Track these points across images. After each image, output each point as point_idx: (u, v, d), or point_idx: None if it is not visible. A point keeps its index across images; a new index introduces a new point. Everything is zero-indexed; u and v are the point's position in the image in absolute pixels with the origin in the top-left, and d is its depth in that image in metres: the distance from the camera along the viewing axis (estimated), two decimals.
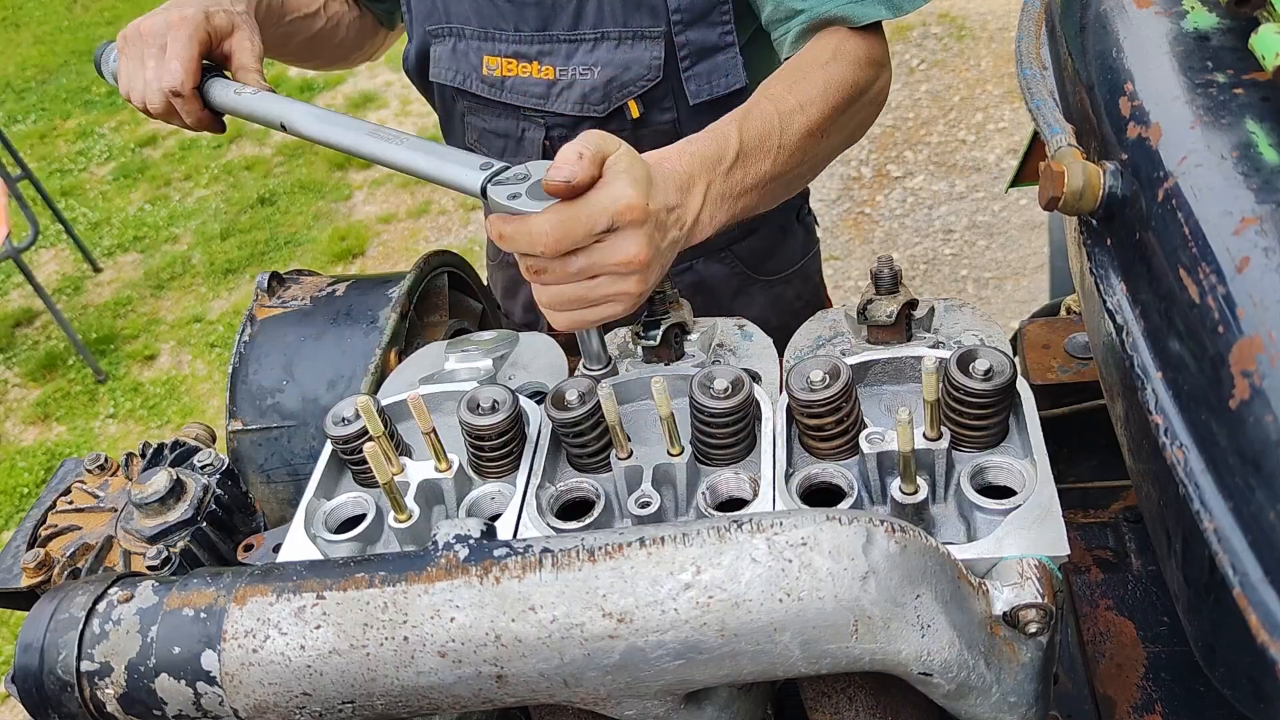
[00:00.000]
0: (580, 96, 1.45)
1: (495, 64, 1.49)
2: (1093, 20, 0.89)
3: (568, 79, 1.45)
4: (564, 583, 0.73)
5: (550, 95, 1.47)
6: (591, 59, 1.43)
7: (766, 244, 1.70)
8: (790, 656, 0.72)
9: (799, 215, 1.77)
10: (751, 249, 1.68)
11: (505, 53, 1.48)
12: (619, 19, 1.40)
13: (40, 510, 1.18)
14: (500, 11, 1.45)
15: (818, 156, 1.23)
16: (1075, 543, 1.18)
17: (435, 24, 1.52)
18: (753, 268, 1.70)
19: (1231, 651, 0.66)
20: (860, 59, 1.26)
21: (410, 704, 0.77)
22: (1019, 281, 3.86)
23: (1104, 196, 0.76)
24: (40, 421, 4.26)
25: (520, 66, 1.48)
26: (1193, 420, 0.63)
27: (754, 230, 1.67)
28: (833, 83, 1.21)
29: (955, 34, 5.25)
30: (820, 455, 0.93)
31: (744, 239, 1.67)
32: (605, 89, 1.44)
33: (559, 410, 0.95)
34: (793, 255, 1.76)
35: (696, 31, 1.40)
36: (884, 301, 1.02)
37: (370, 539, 0.97)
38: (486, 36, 1.48)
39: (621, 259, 0.92)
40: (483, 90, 1.52)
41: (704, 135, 1.08)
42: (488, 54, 1.49)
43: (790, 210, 1.74)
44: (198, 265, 4.96)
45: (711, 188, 1.04)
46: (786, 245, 1.74)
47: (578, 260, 0.92)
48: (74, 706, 0.79)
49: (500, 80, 1.50)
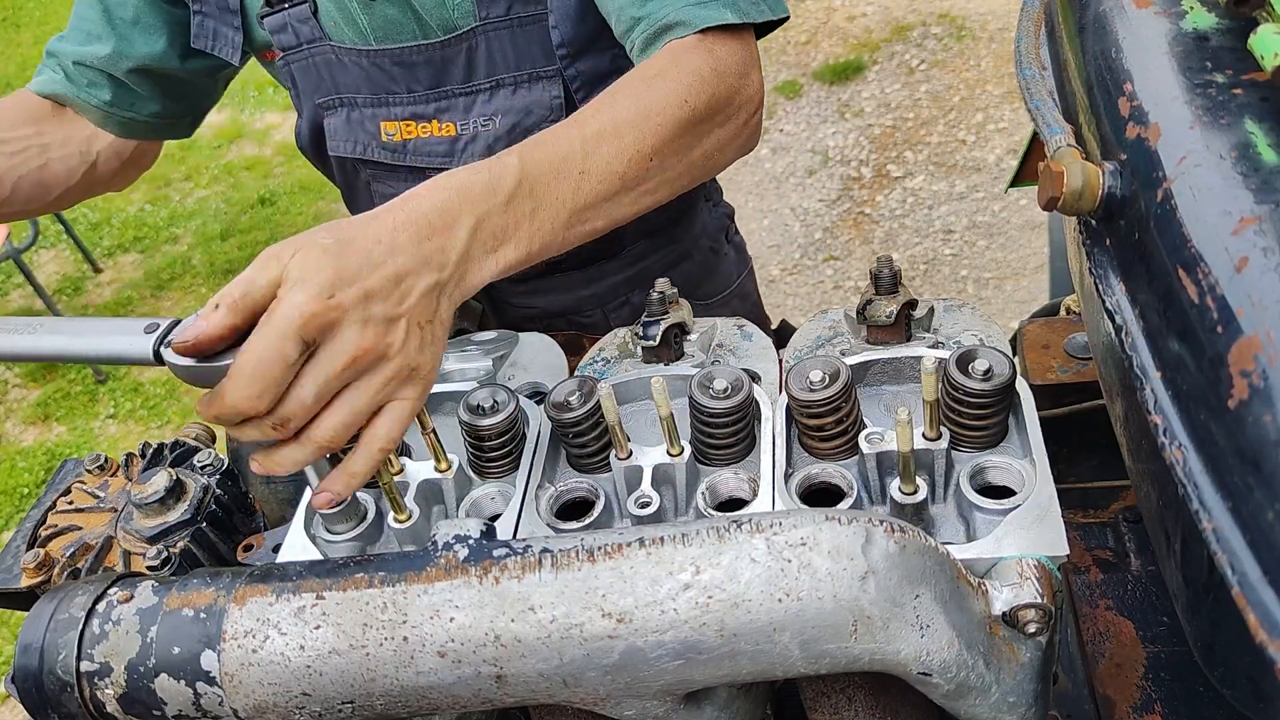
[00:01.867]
0: (485, 148, 1.39)
1: (394, 128, 1.43)
2: (1092, 20, 0.89)
3: (470, 133, 1.40)
4: (563, 583, 0.73)
5: (455, 152, 1.42)
6: (490, 108, 1.38)
7: (700, 270, 1.67)
8: (790, 656, 0.72)
9: (727, 235, 1.73)
10: (685, 276, 1.63)
11: (402, 115, 1.42)
12: (511, 64, 1.35)
13: (40, 510, 1.18)
14: (390, 75, 1.39)
15: (656, 179, 1.10)
16: (1075, 543, 1.18)
17: (324, 95, 1.45)
18: (689, 294, 1.61)
19: (1231, 651, 0.66)
20: (704, 70, 1.12)
21: (410, 704, 0.77)
22: (1019, 281, 3.86)
23: (1103, 196, 0.76)
24: (40, 422, 4.26)
25: (420, 127, 1.42)
26: (1192, 420, 0.63)
27: (687, 256, 1.64)
28: (657, 101, 1.08)
29: (955, 34, 5.25)
30: (820, 455, 0.93)
31: (677, 264, 1.63)
32: (509, 136, 1.37)
33: (559, 410, 0.95)
34: (728, 277, 1.73)
35: (586, 61, 1.36)
36: (883, 302, 1.02)
37: (370, 539, 0.97)
38: (380, 102, 1.42)
39: (348, 361, 0.79)
40: (385, 157, 1.45)
41: (472, 166, 0.96)
42: (384, 119, 1.43)
43: (719, 231, 1.71)
44: (198, 265, 4.97)
45: (486, 222, 0.91)
46: (720, 268, 1.71)
47: (302, 394, 0.79)
48: (74, 707, 0.79)
49: (401, 144, 1.43)
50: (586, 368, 1.13)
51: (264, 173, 5.54)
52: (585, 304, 1.62)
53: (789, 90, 5.16)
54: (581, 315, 1.63)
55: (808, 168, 4.68)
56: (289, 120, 5.93)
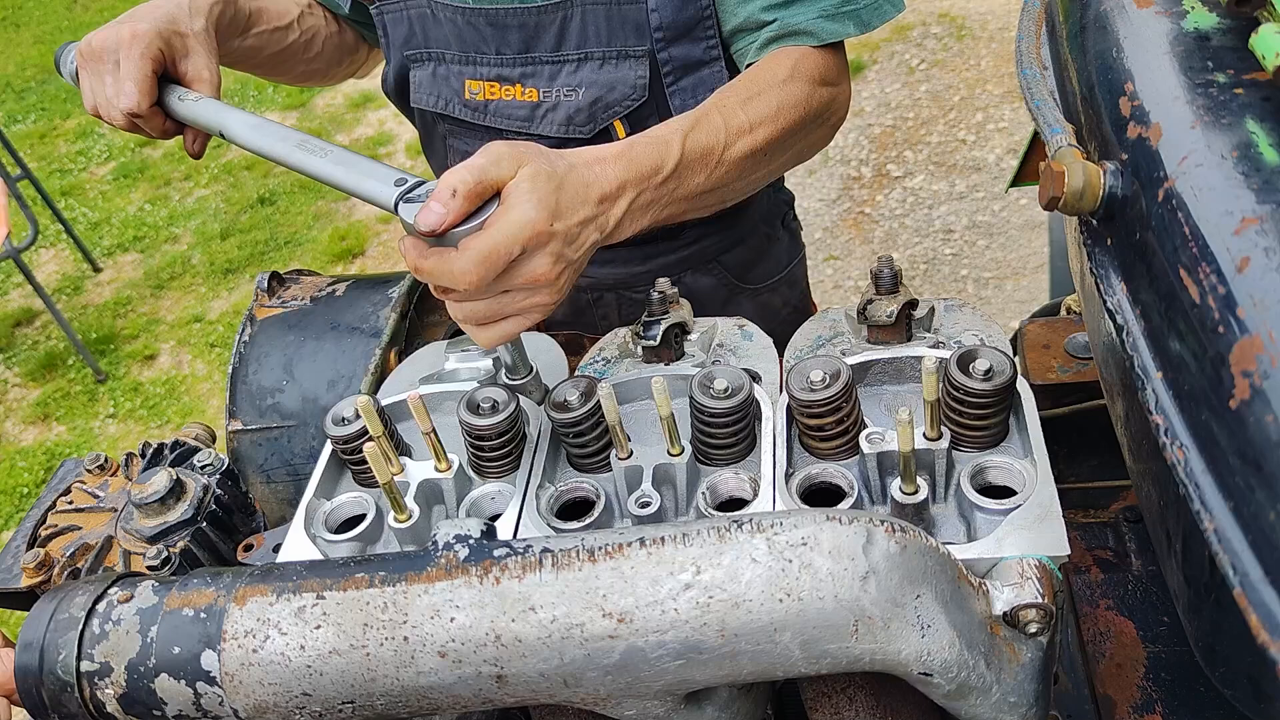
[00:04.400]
0: (565, 118, 1.44)
1: (477, 88, 1.47)
2: (1093, 20, 0.89)
3: (552, 101, 1.44)
4: (564, 583, 0.73)
5: (535, 118, 1.46)
6: (576, 80, 1.41)
7: (754, 254, 1.69)
8: (790, 656, 0.72)
9: (784, 221, 1.76)
10: (739, 259, 1.67)
11: (487, 76, 1.46)
12: (603, 39, 1.38)
13: (40, 510, 1.18)
14: (481, 35, 1.42)
15: (756, 176, 1.22)
16: (1075, 542, 1.18)
17: (413, 49, 1.50)
18: (740, 277, 1.69)
19: (1232, 651, 0.66)
20: (817, 77, 1.25)
21: (410, 704, 0.77)
22: (1019, 281, 3.86)
23: (1104, 196, 0.75)
24: (40, 421, 4.26)
25: (503, 89, 1.46)
26: (1193, 420, 0.63)
27: (741, 240, 1.66)
28: (787, 103, 1.20)
29: (955, 34, 5.25)
30: (820, 455, 0.93)
31: (732, 249, 1.65)
32: (590, 110, 1.42)
33: (559, 410, 0.95)
34: (779, 262, 1.75)
35: (680, 47, 1.38)
36: (884, 301, 1.02)
37: (370, 539, 0.97)
38: (468, 60, 1.46)
39: (530, 278, 0.93)
40: (465, 114, 1.50)
41: (646, 142, 1.06)
42: (469, 78, 1.47)
43: (776, 217, 1.73)
44: (198, 265, 4.97)
45: (640, 197, 1.04)
46: (773, 253, 1.73)
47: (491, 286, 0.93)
48: (74, 706, 0.79)
49: (483, 104, 1.48)
50: (587, 367, 1.13)
51: (263, 172, 5.54)
52: (638, 279, 1.65)
53: None
54: (634, 290, 1.67)
55: (807, 167, 4.68)
56: (288, 120, 5.94)
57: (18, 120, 6.50)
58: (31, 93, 6.83)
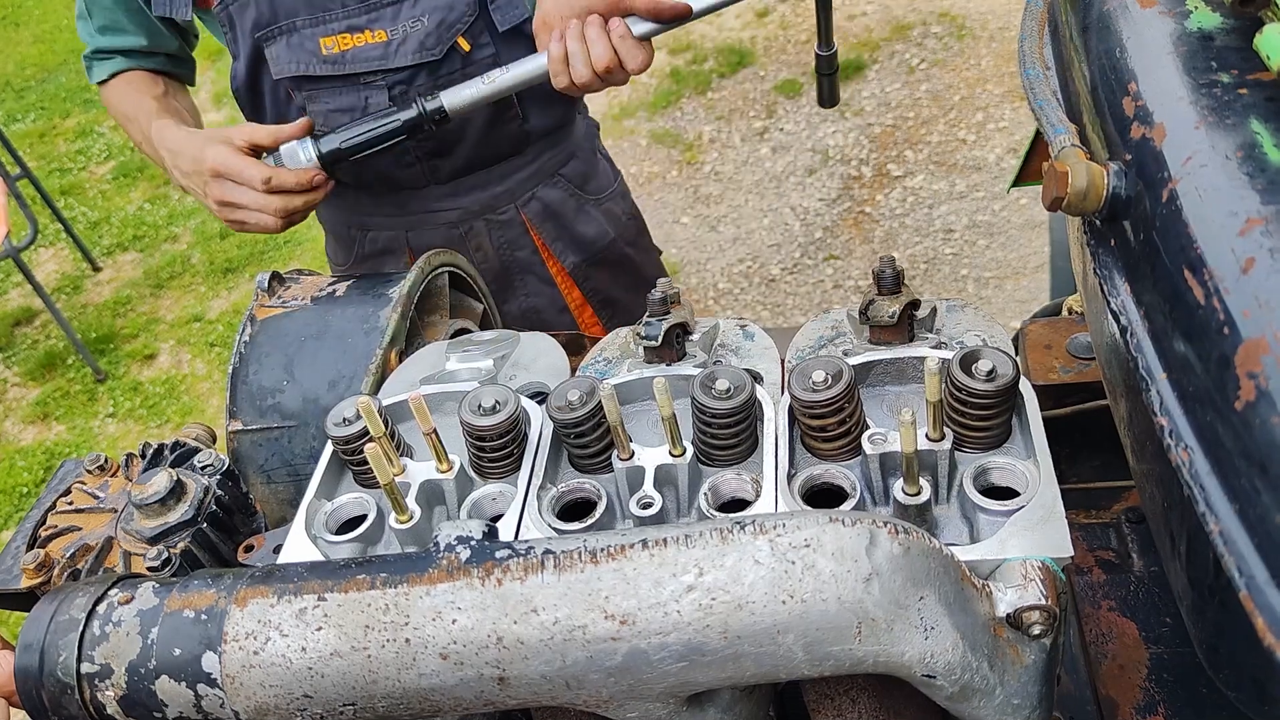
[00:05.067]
0: (417, 45, 1.66)
1: (331, 42, 1.67)
2: (1096, 20, 0.88)
3: (400, 35, 1.66)
4: (566, 584, 0.73)
5: (389, 54, 1.67)
6: (417, 10, 1.65)
7: (586, 166, 2.02)
8: (793, 658, 0.72)
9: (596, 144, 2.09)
10: (576, 171, 2.00)
11: (339, 30, 1.66)
12: None
13: (40, 511, 1.18)
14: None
15: None
16: (1078, 543, 1.17)
17: (264, 28, 1.67)
18: (581, 188, 2.01)
19: (1237, 654, 0.66)
20: None
21: (412, 706, 0.77)
22: (1019, 281, 3.86)
23: (1108, 197, 0.75)
24: (40, 421, 4.26)
25: (355, 38, 1.67)
26: (1198, 422, 0.63)
27: (574, 154, 1.98)
28: None
29: (955, 33, 5.24)
30: (823, 456, 0.93)
31: (568, 161, 1.98)
32: (437, 32, 1.65)
33: (560, 411, 0.95)
34: (609, 176, 2.09)
35: None
36: (886, 302, 1.01)
37: (371, 540, 0.97)
38: (318, 21, 1.66)
39: None
40: (325, 70, 1.69)
41: None
42: (322, 35, 1.67)
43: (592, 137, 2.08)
44: (197, 264, 4.96)
45: None
46: (600, 168, 2.07)
47: None
48: (74, 708, 0.79)
49: (340, 55, 1.68)
50: (588, 368, 1.13)
51: None
52: (500, 200, 1.93)
53: (789, 89, 5.16)
54: (499, 213, 1.94)
55: (808, 167, 4.68)
56: None
57: (17, 119, 6.49)
58: (31, 92, 6.83)
